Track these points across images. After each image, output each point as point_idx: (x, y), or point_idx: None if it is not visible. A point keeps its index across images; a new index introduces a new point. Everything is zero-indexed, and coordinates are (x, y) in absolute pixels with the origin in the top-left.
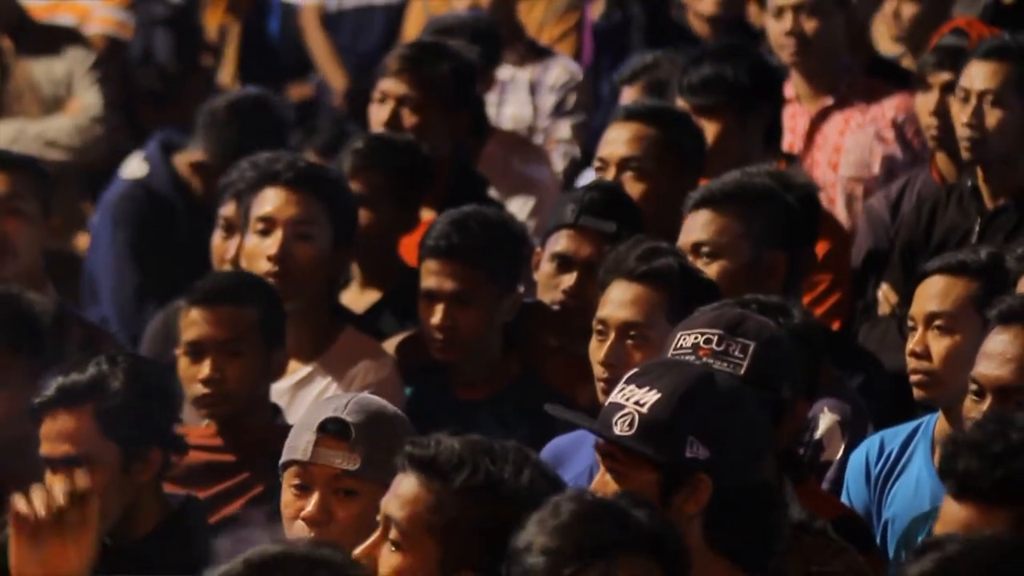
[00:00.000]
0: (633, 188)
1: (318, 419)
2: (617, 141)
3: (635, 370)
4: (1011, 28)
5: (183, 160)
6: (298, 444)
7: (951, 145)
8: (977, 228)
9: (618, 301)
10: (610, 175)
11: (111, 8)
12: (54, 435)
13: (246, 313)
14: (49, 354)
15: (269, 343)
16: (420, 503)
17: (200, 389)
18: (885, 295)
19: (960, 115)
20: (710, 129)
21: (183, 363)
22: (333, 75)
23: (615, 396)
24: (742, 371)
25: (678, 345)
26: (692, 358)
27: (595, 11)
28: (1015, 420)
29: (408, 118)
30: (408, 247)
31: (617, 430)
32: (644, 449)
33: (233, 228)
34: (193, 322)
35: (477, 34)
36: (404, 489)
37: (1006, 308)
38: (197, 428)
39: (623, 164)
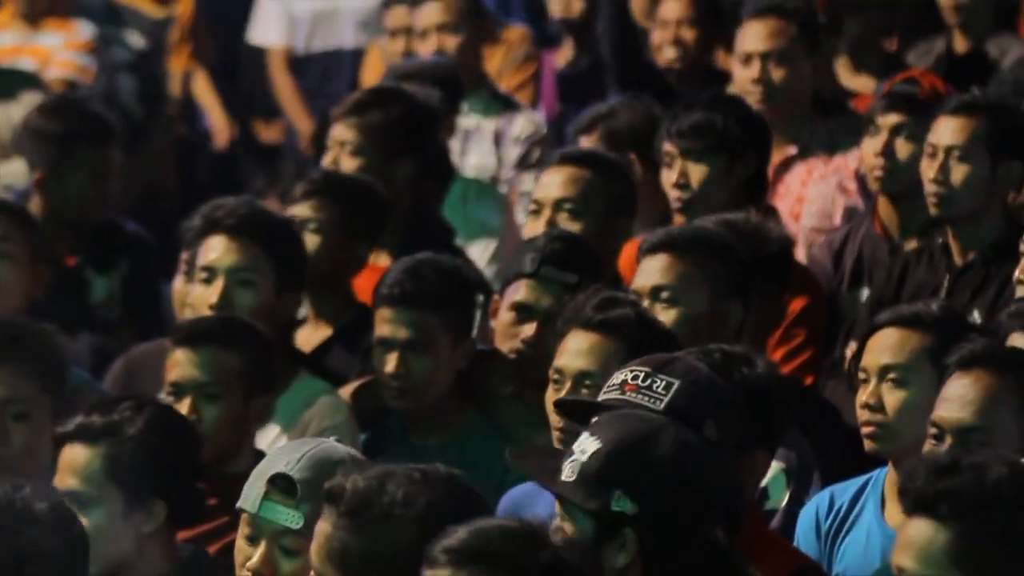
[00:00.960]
0: (568, 228)
1: (270, 470)
2: (552, 184)
3: (596, 419)
4: (963, 80)
5: None
6: (249, 493)
7: (894, 187)
8: (946, 285)
9: (574, 350)
10: (544, 217)
11: (72, 53)
12: (65, 467)
13: (229, 357)
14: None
15: (252, 389)
16: (323, 534)
17: None
18: (854, 352)
19: (927, 171)
20: (696, 173)
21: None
22: (299, 119)
23: (575, 444)
24: (661, 406)
25: (611, 383)
26: (618, 394)
27: (561, 58)
28: (971, 452)
29: (347, 162)
30: (363, 287)
31: (563, 476)
32: (572, 497)
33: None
34: (176, 362)
35: (439, 79)
36: (318, 523)
37: (967, 353)
38: None
39: (557, 205)
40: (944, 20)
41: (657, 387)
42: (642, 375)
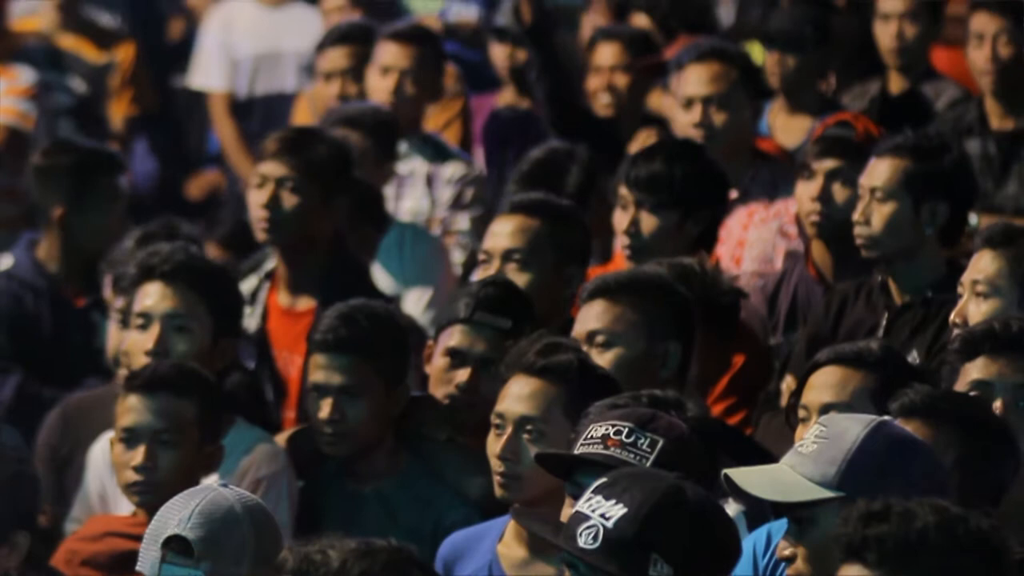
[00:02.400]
0: (516, 279)
1: (163, 532)
2: (501, 234)
3: (603, 480)
4: (898, 122)
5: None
6: (146, 558)
7: (830, 232)
8: (884, 323)
9: (516, 395)
10: (494, 267)
11: (13, 99)
12: None
13: (184, 405)
14: None
15: (204, 436)
16: None
17: (131, 476)
18: (789, 386)
19: (854, 212)
20: (647, 224)
21: (117, 449)
22: (241, 163)
23: (581, 505)
24: (647, 463)
25: (588, 436)
26: (601, 448)
27: (502, 100)
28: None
29: (288, 199)
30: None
31: (581, 542)
32: (607, 567)
33: (127, 321)
34: (130, 408)
35: (376, 125)
36: None
37: (907, 402)
38: (126, 516)
39: (505, 256)
40: (881, 61)
41: (642, 444)
42: (625, 431)
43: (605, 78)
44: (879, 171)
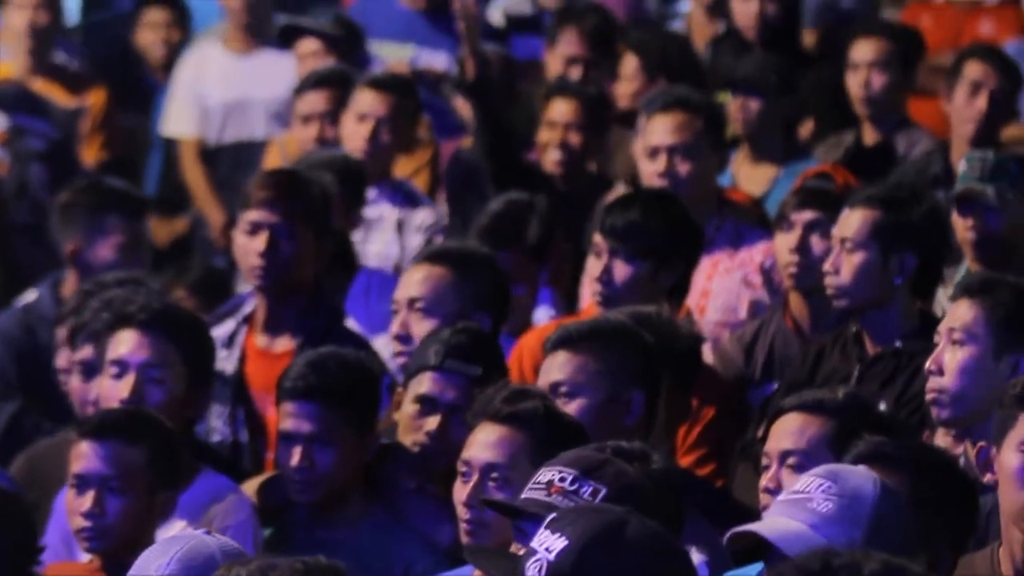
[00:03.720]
0: (419, 327)
1: None
2: (407, 283)
3: (554, 515)
4: (870, 173)
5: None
6: None
7: (807, 284)
8: (856, 374)
9: (482, 443)
10: (400, 317)
11: None
12: None
13: (135, 451)
14: None
15: (156, 484)
16: None
17: (80, 522)
18: (759, 437)
19: (825, 262)
20: (620, 273)
21: (69, 495)
22: (211, 210)
23: (534, 540)
24: None
25: (536, 480)
26: (544, 495)
27: (468, 144)
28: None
29: (286, 246)
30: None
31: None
32: None
33: (92, 370)
34: (81, 455)
35: (346, 171)
36: None
37: (861, 452)
38: (83, 563)
39: (410, 304)
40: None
41: (584, 492)
42: (570, 478)
43: (558, 134)
44: (850, 222)
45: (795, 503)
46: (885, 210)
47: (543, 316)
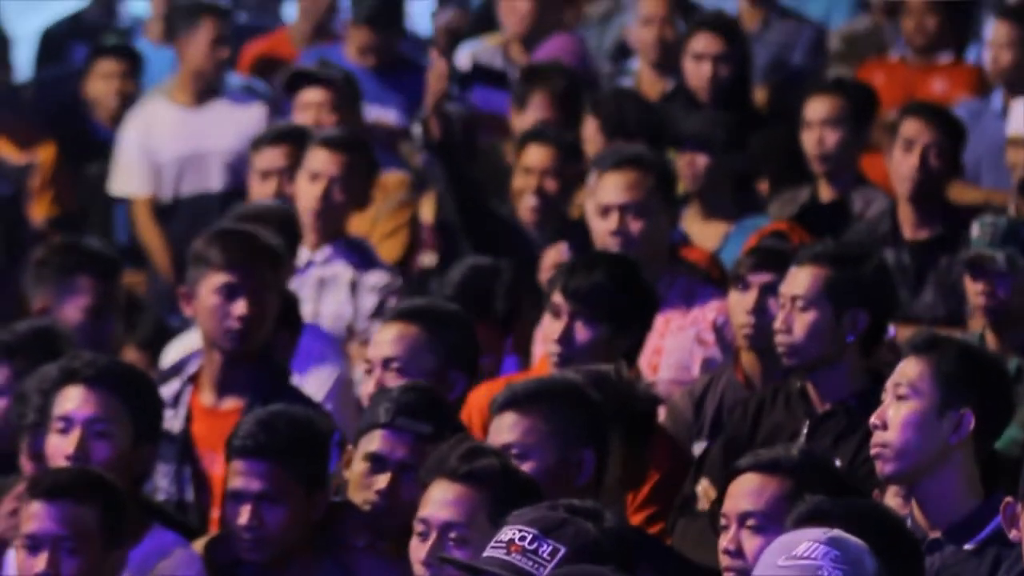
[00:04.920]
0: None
1: None
2: (381, 342)
3: None
4: (823, 230)
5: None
6: None
7: (762, 344)
8: (805, 430)
9: (439, 501)
10: (375, 376)
11: None
12: None
13: (87, 512)
14: None
15: (108, 543)
16: None
17: None
18: (705, 491)
19: (775, 321)
20: (581, 335)
21: (20, 555)
22: (166, 268)
23: None
24: (544, 572)
25: (497, 538)
26: (503, 553)
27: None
28: None
29: (253, 308)
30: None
31: None
32: None
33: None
34: (33, 515)
35: (281, 225)
36: None
37: (804, 511)
38: None
39: (386, 364)
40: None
41: (543, 552)
42: (529, 537)
43: (534, 180)
44: (799, 279)
45: (804, 569)
46: (835, 268)
47: None
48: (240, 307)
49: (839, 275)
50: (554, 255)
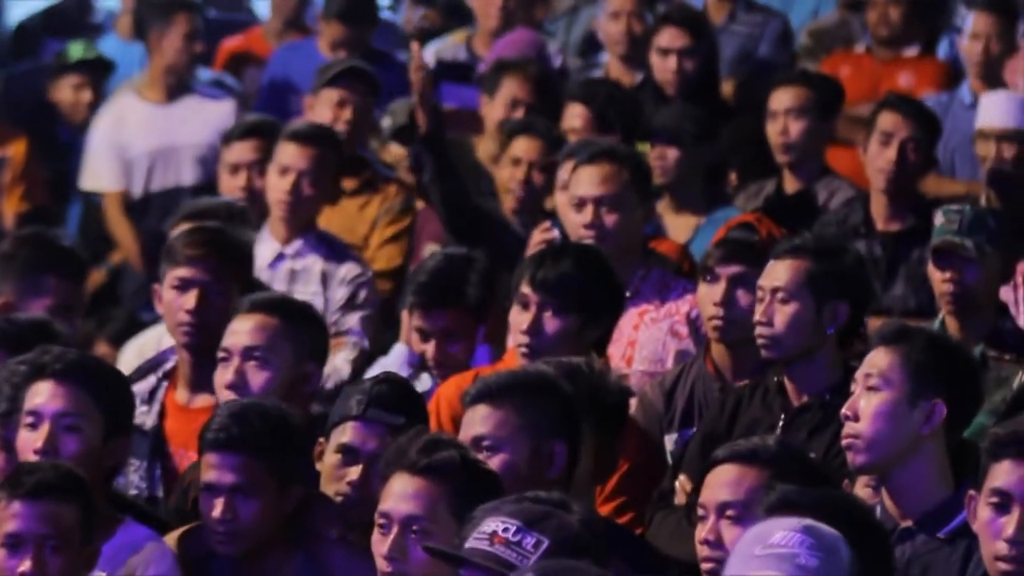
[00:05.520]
0: (256, 377)
1: None
2: (240, 331)
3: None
4: (789, 222)
5: None
6: None
7: (732, 337)
8: (781, 424)
9: (400, 494)
10: (233, 365)
11: None
12: None
13: (67, 510)
14: None
15: (84, 539)
16: None
17: None
18: (682, 485)
19: (755, 314)
20: (549, 326)
21: (1, 554)
22: (137, 262)
23: None
24: (529, 563)
25: (480, 530)
26: (487, 545)
27: None
28: None
29: (216, 303)
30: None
31: None
32: None
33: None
34: (15, 515)
35: (230, 220)
36: None
37: (774, 500)
38: None
39: (245, 353)
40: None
41: (527, 544)
42: (513, 529)
43: (522, 171)
44: (779, 271)
45: (782, 558)
46: (815, 260)
47: None
48: (189, 300)
49: (820, 267)
50: (540, 234)
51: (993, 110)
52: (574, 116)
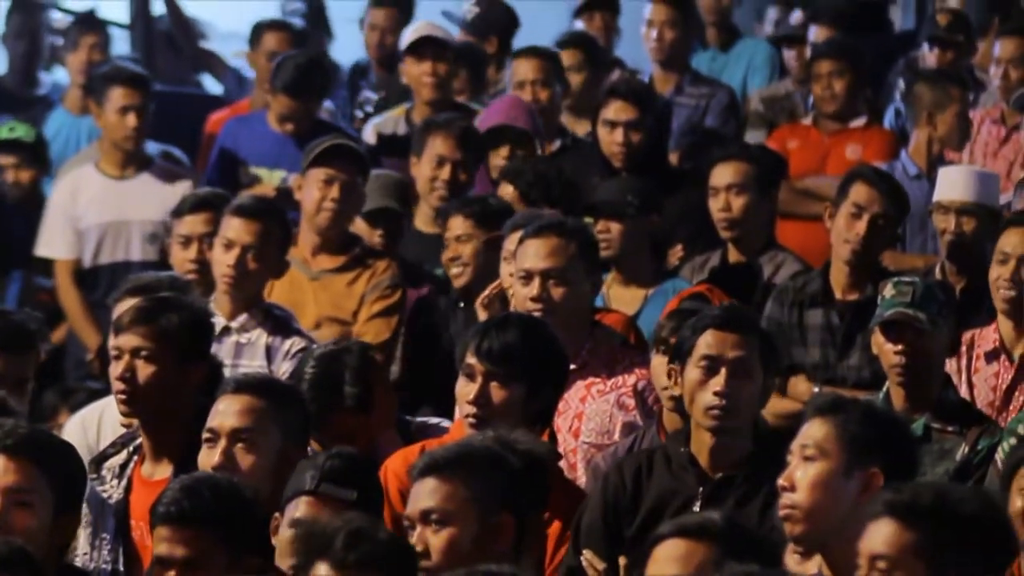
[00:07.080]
0: (244, 459)
1: None
2: (227, 412)
3: None
4: (737, 289)
5: None
6: None
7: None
8: (700, 495)
9: None
10: (220, 447)
11: None
12: None
13: None
14: None
15: None
16: None
17: None
18: (590, 562)
19: (712, 385)
20: (496, 396)
21: None
22: (85, 332)
23: None
24: None
25: None
26: None
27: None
28: None
29: (143, 369)
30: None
31: None
32: None
33: None
34: None
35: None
36: None
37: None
38: None
39: (233, 436)
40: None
41: None
42: None
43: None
44: (730, 345)
45: None
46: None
47: None
48: (119, 368)
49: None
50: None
51: (952, 183)
52: (505, 195)
